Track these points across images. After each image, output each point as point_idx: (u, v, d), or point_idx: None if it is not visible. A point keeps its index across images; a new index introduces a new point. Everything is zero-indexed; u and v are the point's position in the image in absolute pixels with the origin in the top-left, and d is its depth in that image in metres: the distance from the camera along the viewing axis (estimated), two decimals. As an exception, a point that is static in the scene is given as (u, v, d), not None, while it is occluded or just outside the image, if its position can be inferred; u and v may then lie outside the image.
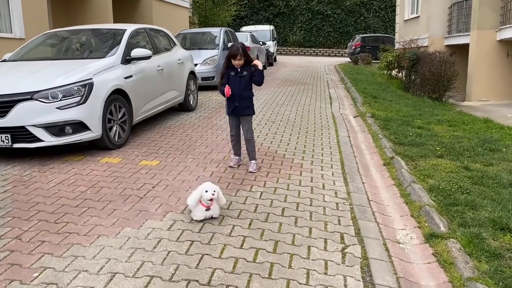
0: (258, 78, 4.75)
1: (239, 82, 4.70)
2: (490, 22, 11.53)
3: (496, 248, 3.11)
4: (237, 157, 5.01)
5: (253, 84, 4.80)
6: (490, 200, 4.00)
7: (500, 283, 2.66)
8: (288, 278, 2.70)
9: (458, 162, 5.21)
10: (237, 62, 4.65)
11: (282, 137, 6.48)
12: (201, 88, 10.82)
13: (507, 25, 10.90)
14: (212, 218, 3.51)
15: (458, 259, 2.93)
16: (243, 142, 4.98)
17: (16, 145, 4.94)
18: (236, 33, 16.09)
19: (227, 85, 4.62)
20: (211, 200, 3.43)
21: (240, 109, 4.75)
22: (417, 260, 3.12)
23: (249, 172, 4.75)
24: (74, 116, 5.01)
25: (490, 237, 3.28)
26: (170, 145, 5.90)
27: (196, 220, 3.47)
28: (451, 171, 4.85)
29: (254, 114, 4.96)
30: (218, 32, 12.84)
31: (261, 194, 4.13)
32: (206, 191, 3.43)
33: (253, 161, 4.87)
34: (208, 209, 3.45)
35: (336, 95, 11.63)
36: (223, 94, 4.68)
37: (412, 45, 14.16)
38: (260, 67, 4.73)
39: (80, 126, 5.10)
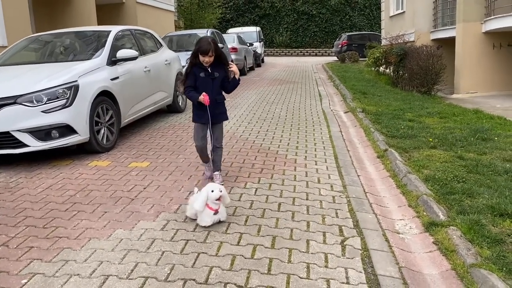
0: (231, 86, 4.13)
1: (211, 85, 3.99)
2: (475, 14, 11.60)
3: (496, 234, 3.06)
4: (207, 164, 4.36)
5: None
6: (487, 188, 3.96)
7: (504, 268, 2.61)
8: (288, 272, 2.62)
9: (452, 152, 5.18)
10: (207, 60, 3.90)
11: (274, 134, 6.41)
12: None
13: (492, 17, 10.97)
14: (220, 222, 3.28)
15: (459, 246, 2.87)
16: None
17: (0, 151, 4.79)
18: (223, 35, 16.01)
19: (204, 93, 3.88)
20: (218, 199, 3.19)
21: (215, 116, 4.05)
22: (418, 249, 3.05)
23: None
24: (60, 120, 4.88)
25: (489, 223, 3.23)
26: (160, 146, 5.79)
27: (204, 226, 3.22)
28: (445, 161, 4.82)
29: (228, 119, 4.50)
30: (204, 34, 12.74)
31: (256, 191, 4.04)
32: (212, 191, 3.20)
33: (217, 172, 4.25)
34: (216, 212, 3.21)
35: (326, 93, 11.60)
36: (193, 100, 3.97)
37: (399, 41, 14.21)
38: (237, 75, 4.11)
39: (67, 130, 4.97)
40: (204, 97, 3.87)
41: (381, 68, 15.78)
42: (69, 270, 2.69)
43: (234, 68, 4.08)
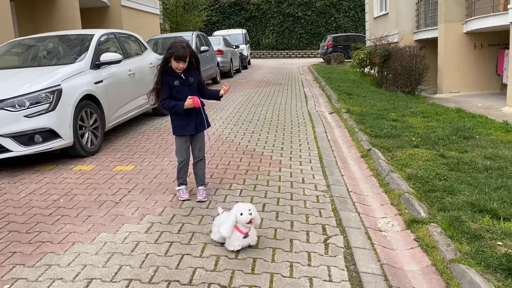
0: (211, 95, 3.85)
1: (189, 93, 3.62)
2: (456, 15, 11.80)
3: (475, 229, 3.12)
4: (185, 186, 3.96)
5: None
6: (467, 185, 4.04)
7: (482, 263, 2.67)
8: (271, 272, 2.65)
9: (434, 151, 5.27)
10: (181, 66, 3.54)
11: (259, 135, 6.44)
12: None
13: (473, 17, 11.17)
14: (250, 246, 2.93)
15: (439, 242, 2.93)
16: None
17: (-17, 157, 4.74)
18: (209, 38, 16.02)
19: (190, 96, 3.56)
20: (250, 222, 2.84)
21: (198, 125, 3.73)
22: (399, 246, 3.10)
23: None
24: (43, 124, 4.85)
25: (469, 220, 3.30)
26: (145, 149, 5.78)
27: (232, 251, 2.88)
28: (427, 160, 4.90)
29: (210, 126, 4.00)
30: (190, 36, 12.75)
31: (240, 192, 4.06)
32: (241, 214, 2.82)
33: (202, 187, 3.88)
34: (246, 236, 2.85)
35: (311, 94, 11.68)
36: (178, 109, 3.58)
37: (383, 42, 14.39)
38: (226, 93, 3.78)
39: (50, 134, 4.94)
40: (192, 100, 3.54)
41: (366, 69, 15.95)
42: (52, 274, 2.68)
43: (226, 89, 3.73)
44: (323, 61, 26.34)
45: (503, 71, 11.19)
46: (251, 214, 2.82)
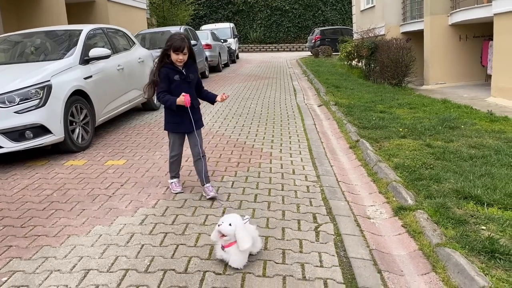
0: (207, 97, 3.80)
1: (188, 90, 3.53)
2: (441, 7, 11.94)
3: (460, 215, 3.24)
4: (177, 179, 3.98)
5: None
6: (453, 173, 4.16)
7: (467, 246, 2.78)
8: (264, 259, 2.73)
9: (421, 141, 5.39)
10: (181, 57, 3.46)
11: (250, 129, 6.50)
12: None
13: (457, 9, 11.32)
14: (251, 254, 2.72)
15: (426, 228, 3.04)
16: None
17: (-27, 154, 4.74)
18: (197, 32, 15.98)
19: (183, 93, 3.44)
20: (222, 236, 2.62)
21: (195, 123, 3.61)
22: (388, 232, 3.21)
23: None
24: (34, 120, 4.86)
25: (454, 206, 3.41)
26: (136, 144, 5.81)
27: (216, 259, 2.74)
28: (414, 149, 5.01)
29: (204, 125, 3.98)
30: (178, 31, 12.69)
31: (232, 183, 4.13)
32: (219, 225, 2.64)
33: (209, 184, 3.79)
34: (222, 248, 2.65)
35: (300, 87, 11.76)
36: (170, 104, 3.48)
37: (370, 34, 14.48)
38: (222, 101, 3.79)
39: (41, 130, 4.95)
40: (184, 98, 3.40)
41: (353, 62, 16.06)
42: (49, 266, 2.73)
43: (224, 98, 3.72)
44: (311, 54, 26.42)
45: (488, 62, 11.39)
46: (219, 225, 2.61)
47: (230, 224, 2.60)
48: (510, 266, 2.56)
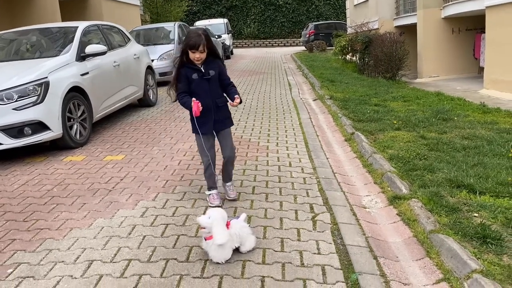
0: (235, 92, 3.38)
1: (208, 88, 3.30)
2: (434, 1, 12.02)
3: (454, 203, 3.32)
4: (216, 190, 3.59)
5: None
6: (446, 163, 4.25)
7: (460, 232, 2.86)
8: (263, 247, 2.80)
9: (415, 133, 5.48)
10: (198, 56, 3.19)
11: (246, 123, 6.57)
12: (160, 84, 10.72)
13: (450, 3, 11.41)
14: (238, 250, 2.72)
15: (420, 215, 3.12)
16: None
17: (-28, 151, 4.78)
18: (191, 28, 15.97)
19: (194, 99, 3.16)
20: (201, 228, 2.67)
21: (219, 123, 3.40)
22: (383, 221, 3.29)
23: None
24: (32, 117, 4.90)
25: (448, 195, 3.50)
26: (134, 139, 5.86)
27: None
28: (408, 141, 5.10)
29: (233, 124, 3.65)
30: (172, 27, 12.73)
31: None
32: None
33: (229, 183, 3.65)
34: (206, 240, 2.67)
35: (295, 82, 11.83)
36: (187, 108, 3.25)
37: (364, 29, 14.57)
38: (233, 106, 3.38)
39: (39, 126, 4.99)
40: (193, 105, 3.14)
41: (347, 56, 16.14)
42: (53, 258, 2.79)
43: (235, 104, 3.33)
44: (306, 49, 26.47)
45: (480, 55, 11.50)
46: (198, 217, 2.68)
47: (209, 218, 2.62)
48: (501, 251, 2.65)
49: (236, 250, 2.71)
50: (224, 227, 2.63)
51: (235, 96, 3.33)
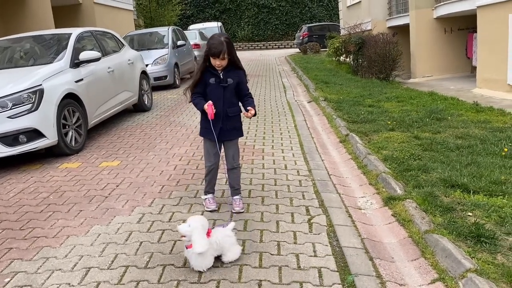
0: (251, 103, 3.35)
1: (222, 95, 3.26)
2: (426, 1, 12.12)
3: (448, 203, 3.36)
4: (212, 195, 3.61)
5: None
6: (440, 163, 4.29)
7: (454, 232, 2.89)
8: (260, 251, 2.82)
9: (409, 133, 5.52)
10: (218, 63, 3.16)
11: (240, 126, 6.58)
12: (155, 88, 10.74)
13: (442, 3, 11.50)
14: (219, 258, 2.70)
15: (415, 216, 3.15)
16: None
17: (-33, 160, 4.77)
18: (185, 32, 15.99)
19: (210, 102, 3.16)
20: (181, 236, 2.63)
21: (225, 132, 3.34)
22: (378, 222, 3.32)
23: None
24: (27, 124, 4.89)
25: (442, 195, 3.53)
26: (129, 144, 5.87)
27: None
28: (402, 142, 5.14)
29: (243, 135, 3.58)
30: (166, 31, 12.73)
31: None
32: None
33: (237, 197, 3.54)
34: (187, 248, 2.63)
35: (289, 84, 11.87)
36: (198, 108, 3.26)
37: (357, 30, 14.66)
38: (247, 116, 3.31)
39: (34, 134, 4.98)
40: (208, 108, 3.14)
41: (341, 57, 16.22)
42: (50, 266, 2.79)
43: (249, 116, 3.29)
44: (299, 51, 26.57)
45: (472, 54, 11.59)
46: (179, 225, 2.64)
47: (189, 226, 2.58)
48: (495, 249, 2.68)
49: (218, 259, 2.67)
50: (203, 235, 2.58)
51: (249, 107, 3.29)
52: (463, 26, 12.13)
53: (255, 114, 3.31)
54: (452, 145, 4.85)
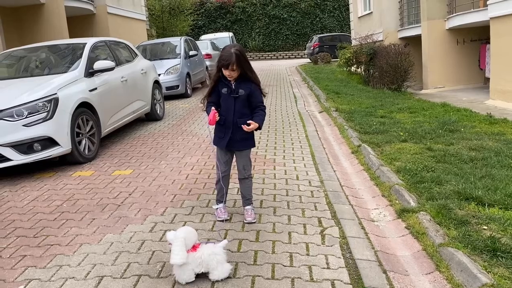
0: (261, 118, 3.32)
1: (232, 105, 3.29)
2: (438, 12, 12.09)
3: (462, 216, 3.32)
4: (223, 205, 3.60)
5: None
6: (454, 175, 4.24)
7: (469, 246, 2.85)
8: (272, 262, 2.81)
9: (421, 144, 5.48)
10: (229, 74, 3.21)
11: (252, 136, 6.59)
12: (167, 98, 10.82)
13: (454, 14, 11.46)
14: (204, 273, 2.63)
15: (429, 229, 3.12)
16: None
17: (-17, 167, 4.83)
18: (196, 42, 16.14)
19: (213, 109, 3.21)
20: (170, 244, 2.62)
21: (234, 142, 3.36)
22: (392, 234, 3.29)
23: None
24: (42, 133, 4.96)
25: (456, 207, 3.49)
26: (142, 153, 5.91)
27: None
28: (415, 153, 5.10)
29: (254, 146, 3.56)
30: (178, 41, 12.86)
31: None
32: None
33: (249, 207, 3.53)
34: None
35: (300, 94, 11.89)
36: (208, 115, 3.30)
37: (368, 40, 14.64)
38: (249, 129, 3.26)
39: (49, 142, 5.05)
40: (211, 115, 3.19)
41: (352, 68, 16.19)
42: (64, 274, 2.81)
43: (250, 127, 3.25)
44: (310, 61, 26.61)
45: (485, 65, 11.50)
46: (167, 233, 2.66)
47: (174, 235, 2.58)
48: (512, 264, 2.64)
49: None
50: (182, 247, 2.52)
51: (250, 121, 3.26)
52: (476, 37, 12.06)
53: (259, 128, 3.30)
54: (466, 157, 4.81)
